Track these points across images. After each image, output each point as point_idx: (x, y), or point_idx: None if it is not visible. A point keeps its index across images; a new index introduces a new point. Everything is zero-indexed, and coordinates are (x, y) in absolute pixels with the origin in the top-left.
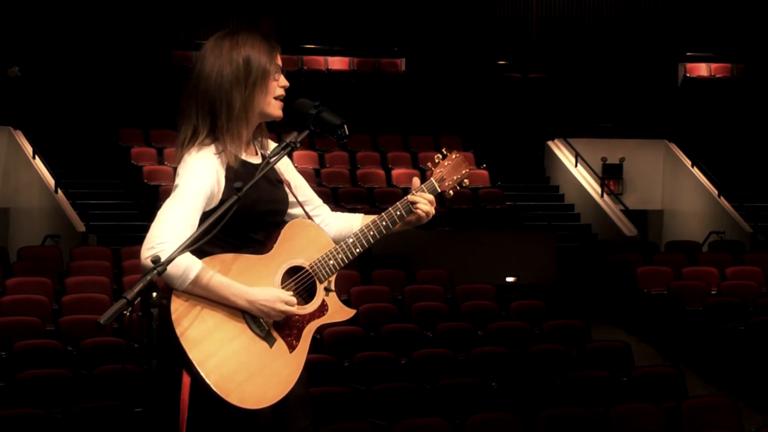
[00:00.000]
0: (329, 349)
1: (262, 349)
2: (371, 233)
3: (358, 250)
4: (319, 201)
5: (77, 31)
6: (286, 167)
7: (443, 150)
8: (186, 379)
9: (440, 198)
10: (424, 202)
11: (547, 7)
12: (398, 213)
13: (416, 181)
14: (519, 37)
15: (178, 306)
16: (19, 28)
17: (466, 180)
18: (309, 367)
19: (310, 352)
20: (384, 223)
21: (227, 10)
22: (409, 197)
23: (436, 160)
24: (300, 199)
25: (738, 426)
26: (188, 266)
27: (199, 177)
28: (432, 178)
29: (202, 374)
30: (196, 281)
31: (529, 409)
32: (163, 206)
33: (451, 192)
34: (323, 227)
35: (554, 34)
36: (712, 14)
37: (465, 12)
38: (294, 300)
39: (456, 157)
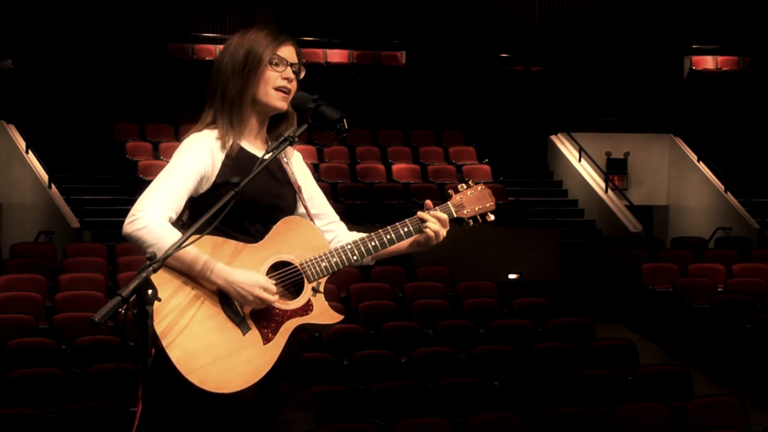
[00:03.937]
0: (328, 347)
1: (234, 335)
2: (372, 243)
3: (355, 258)
4: (335, 217)
5: (71, 24)
6: (303, 176)
7: (469, 181)
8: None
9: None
10: (434, 221)
11: None
12: (405, 229)
13: (429, 202)
14: (522, 29)
15: (155, 278)
16: (11, 20)
17: (490, 215)
18: (308, 366)
19: (309, 350)
20: (388, 237)
21: (224, 2)
22: (420, 214)
23: (459, 189)
24: (312, 211)
25: (745, 425)
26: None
27: (191, 156)
28: (449, 202)
29: (165, 347)
30: (177, 254)
31: (532, 408)
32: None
33: (470, 222)
34: (335, 244)
35: (557, 26)
36: (718, 6)
37: (467, 4)
38: (274, 288)
39: (482, 189)
